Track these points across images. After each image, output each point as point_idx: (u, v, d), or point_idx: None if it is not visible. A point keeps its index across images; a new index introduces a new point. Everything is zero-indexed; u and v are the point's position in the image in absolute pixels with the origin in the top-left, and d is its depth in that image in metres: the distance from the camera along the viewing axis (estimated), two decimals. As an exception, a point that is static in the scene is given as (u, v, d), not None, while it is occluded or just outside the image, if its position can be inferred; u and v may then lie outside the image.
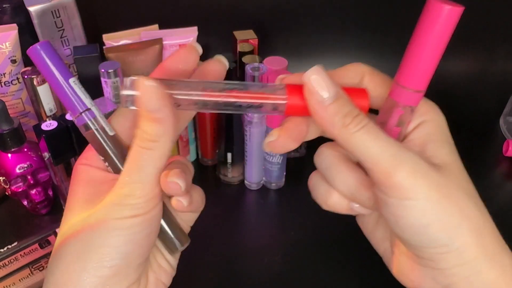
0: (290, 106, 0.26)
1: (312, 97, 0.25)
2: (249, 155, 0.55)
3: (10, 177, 0.49)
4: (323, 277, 0.47)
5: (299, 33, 0.74)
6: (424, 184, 0.24)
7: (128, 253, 0.25)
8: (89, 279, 0.25)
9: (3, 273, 0.40)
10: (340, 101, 0.25)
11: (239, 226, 0.53)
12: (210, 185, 0.59)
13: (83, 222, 0.26)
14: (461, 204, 0.25)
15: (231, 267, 0.48)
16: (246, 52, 0.57)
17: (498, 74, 0.79)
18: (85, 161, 0.28)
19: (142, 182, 0.25)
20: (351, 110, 0.25)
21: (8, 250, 0.39)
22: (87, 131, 0.27)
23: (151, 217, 0.26)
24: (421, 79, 0.25)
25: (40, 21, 0.57)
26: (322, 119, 0.25)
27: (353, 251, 0.49)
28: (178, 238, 0.30)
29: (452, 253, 0.25)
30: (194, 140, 0.60)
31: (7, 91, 0.58)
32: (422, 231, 0.25)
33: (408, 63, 0.25)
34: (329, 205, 0.30)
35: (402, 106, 0.26)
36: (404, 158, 0.24)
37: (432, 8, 0.22)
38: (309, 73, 0.25)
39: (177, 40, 0.63)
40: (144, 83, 0.24)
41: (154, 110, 0.24)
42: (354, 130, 0.25)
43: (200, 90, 0.25)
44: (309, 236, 0.51)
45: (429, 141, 0.27)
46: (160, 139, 0.25)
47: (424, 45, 0.24)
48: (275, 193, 0.57)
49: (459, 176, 0.26)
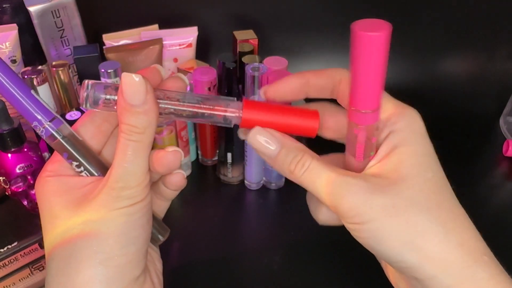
0: (245, 120, 0.28)
1: (263, 155, 0.28)
2: (249, 155, 0.55)
3: (10, 177, 0.49)
4: (323, 277, 0.47)
5: (299, 33, 0.74)
6: (367, 210, 0.25)
7: (137, 237, 0.27)
8: (105, 271, 0.26)
9: (3, 273, 0.40)
10: (283, 152, 0.28)
11: (239, 226, 0.53)
12: (210, 185, 0.59)
13: (83, 224, 0.26)
14: (411, 221, 0.25)
15: (231, 267, 0.48)
16: (246, 52, 0.57)
17: (498, 74, 0.79)
18: (51, 173, 0.28)
19: (135, 173, 0.26)
20: (294, 156, 0.28)
21: (8, 250, 0.39)
22: (55, 141, 0.27)
23: (147, 203, 0.27)
24: (371, 100, 0.25)
25: (40, 21, 0.57)
26: (276, 169, 0.29)
27: (353, 252, 0.49)
28: (159, 230, 0.32)
29: (413, 269, 0.25)
30: (194, 140, 0.60)
31: (7, 91, 0.58)
32: (380, 250, 0.26)
33: (354, 88, 0.25)
34: (321, 219, 0.32)
35: (363, 126, 0.27)
36: (345, 190, 0.26)
37: (357, 38, 0.23)
38: (250, 136, 0.28)
39: (177, 40, 0.63)
40: (133, 78, 0.25)
41: (140, 103, 0.25)
42: (299, 174, 0.27)
43: (176, 100, 0.28)
44: (309, 236, 0.51)
45: (394, 154, 0.27)
46: (146, 131, 0.26)
47: (362, 71, 0.24)
48: (275, 193, 0.57)
49: (415, 190, 0.26)
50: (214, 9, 0.71)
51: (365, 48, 0.23)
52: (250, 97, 0.50)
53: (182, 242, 0.51)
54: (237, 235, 0.52)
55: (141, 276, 0.28)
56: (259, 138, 0.28)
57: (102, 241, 0.26)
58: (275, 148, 0.28)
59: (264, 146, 0.28)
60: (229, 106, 0.28)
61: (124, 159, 0.26)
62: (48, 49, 0.60)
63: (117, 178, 0.26)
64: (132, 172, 0.26)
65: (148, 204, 0.28)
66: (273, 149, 0.28)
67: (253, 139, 0.28)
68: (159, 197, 0.32)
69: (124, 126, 0.26)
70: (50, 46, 0.59)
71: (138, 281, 0.28)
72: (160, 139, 0.51)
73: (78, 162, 0.28)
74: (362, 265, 0.48)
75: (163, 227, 0.33)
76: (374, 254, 0.28)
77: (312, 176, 0.27)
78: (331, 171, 0.27)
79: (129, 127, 0.26)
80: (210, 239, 0.51)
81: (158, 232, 0.32)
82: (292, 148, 0.28)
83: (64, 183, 0.28)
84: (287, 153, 0.28)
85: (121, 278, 0.26)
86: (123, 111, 0.26)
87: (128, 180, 0.26)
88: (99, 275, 0.26)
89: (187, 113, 0.28)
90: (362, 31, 0.22)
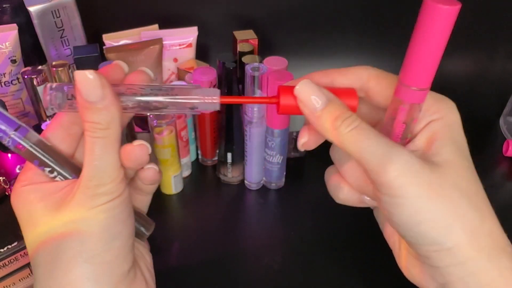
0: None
1: (305, 109, 0.27)
2: (249, 155, 0.55)
3: (10, 177, 0.49)
4: (323, 277, 0.47)
5: (299, 33, 0.74)
6: (414, 183, 0.25)
7: (120, 232, 0.27)
8: (92, 268, 0.26)
9: (3, 273, 0.40)
10: (331, 107, 0.26)
11: (239, 226, 0.53)
12: (210, 185, 0.59)
13: (64, 225, 0.26)
14: (455, 203, 0.25)
15: (231, 267, 0.48)
16: (246, 52, 0.57)
17: (498, 74, 0.79)
18: (25, 182, 0.28)
19: (107, 169, 0.26)
20: (342, 112, 0.26)
21: (8, 250, 0.39)
22: (23, 150, 0.27)
23: (125, 197, 0.27)
24: (424, 78, 0.25)
25: (40, 21, 0.57)
26: (317, 127, 0.27)
27: (353, 251, 0.49)
28: (144, 225, 0.32)
29: (445, 252, 0.25)
30: (194, 140, 0.60)
31: (7, 91, 0.58)
32: (414, 229, 0.25)
33: (409, 62, 0.25)
34: (340, 198, 0.31)
35: (407, 104, 0.26)
36: (395, 156, 0.25)
37: (429, 9, 0.23)
38: (298, 88, 0.27)
39: (177, 40, 0.63)
40: (86, 75, 0.25)
41: (98, 99, 0.25)
42: (345, 131, 0.26)
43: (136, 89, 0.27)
44: (309, 236, 0.51)
45: (435, 139, 0.27)
46: (110, 125, 0.26)
47: (423, 45, 0.24)
48: (275, 193, 0.57)
49: (458, 175, 0.26)
50: (214, 9, 0.71)
51: (434, 20, 0.23)
52: (250, 97, 0.50)
53: (182, 242, 0.51)
54: (237, 235, 0.52)
55: (131, 271, 0.28)
56: (306, 90, 0.27)
57: (84, 240, 0.26)
58: (322, 102, 0.26)
59: (310, 99, 0.26)
60: (196, 93, 0.27)
61: (93, 157, 0.26)
62: (48, 49, 0.60)
63: (89, 176, 0.26)
64: (103, 169, 0.26)
65: (126, 198, 0.28)
66: (320, 103, 0.26)
67: (301, 90, 0.27)
68: (139, 192, 0.32)
69: (87, 124, 0.26)
70: (50, 46, 0.59)
71: (128, 276, 0.28)
72: (160, 139, 0.51)
73: (50, 168, 0.28)
74: (362, 265, 0.48)
75: (147, 221, 0.33)
76: (402, 233, 0.27)
77: (360, 136, 0.25)
78: (381, 135, 0.26)
79: (92, 124, 0.26)
80: (210, 239, 0.51)
81: (143, 226, 0.32)
82: (340, 104, 0.27)
83: (39, 191, 0.28)
84: (336, 108, 0.26)
85: (109, 274, 0.26)
86: (84, 110, 0.26)
87: (101, 177, 0.26)
88: (87, 274, 0.26)
89: (154, 105, 0.27)
90: (435, 2, 0.22)
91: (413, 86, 0.25)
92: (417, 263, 0.28)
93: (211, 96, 0.27)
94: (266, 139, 0.53)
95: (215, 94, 0.27)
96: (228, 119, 0.53)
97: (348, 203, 0.31)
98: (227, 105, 0.52)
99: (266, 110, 0.51)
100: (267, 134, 0.52)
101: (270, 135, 0.52)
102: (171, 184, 0.55)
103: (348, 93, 0.28)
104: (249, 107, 0.50)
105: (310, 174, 0.59)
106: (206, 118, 0.56)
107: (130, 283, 0.28)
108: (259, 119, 0.51)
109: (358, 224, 0.53)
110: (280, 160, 0.54)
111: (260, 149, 0.54)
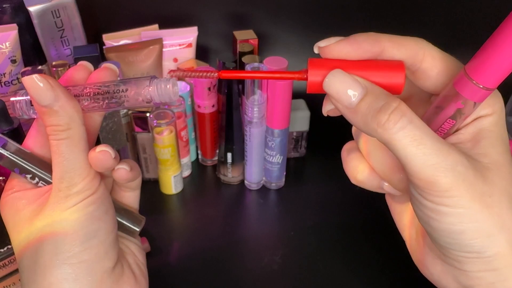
0: None
1: (338, 104, 0.23)
2: (249, 155, 0.55)
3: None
4: (323, 277, 0.47)
5: (299, 33, 0.74)
6: (466, 196, 0.22)
7: (97, 230, 0.27)
8: (70, 268, 0.26)
9: (3, 273, 0.40)
10: (370, 97, 0.22)
11: (239, 226, 0.53)
12: (210, 185, 0.59)
13: (39, 230, 0.26)
14: (504, 214, 0.23)
15: (231, 267, 0.48)
16: (246, 52, 0.57)
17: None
18: (10, 191, 0.28)
19: (75, 169, 0.26)
20: (386, 104, 0.22)
21: (8, 250, 0.39)
22: (2, 159, 0.28)
23: (100, 194, 0.27)
24: (496, 78, 0.22)
25: (40, 21, 0.57)
26: (356, 124, 0.23)
27: (353, 251, 0.49)
28: (133, 221, 0.32)
29: (482, 260, 0.24)
30: (194, 140, 0.60)
31: (7, 91, 0.58)
32: (454, 236, 0.23)
33: (485, 56, 0.22)
34: (358, 179, 0.28)
35: (465, 100, 0.23)
36: (449, 168, 0.22)
37: None
38: (327, 81, 0.23)
39: (177, 40, 0.63)
40: (33, 79, 0.25)
41: (51, 101, 0.25)
42: (393, 130, 0.22)
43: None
44: (309, 236, 0.51)
45: (483, 137, 0.24)
46: (71, 125, 0.26)
47: (507, 41, 0.20)
48: (275, 193, 0.57)
49: (507, 180, 0.24)
50: (214, 9, 0.71)
51: None
52: (250, 97, 0.50)
53: (182, 242, 0.51)
54: (237, 235, 0.51)
55: (117, 268, 0.28)
56: (337, 85, 0.23)
57: (59, 241, 0.26)
58: (358, 94, 0.22)
59: (344, 92, 0.23)
60: (152, 84, 0.26)
61: (59, 159, 0.26)
62: (48, 49, 0.60)
63: (59, 178, 0.26)
64: (72, 169, 0.26)
65: (101, 196, 0.27)
66: (356, 94, 0.23)
67: (330, 84, 0.23)
68: (123, 189, 0.32)
69: (48, 129, 0.26)
70: (50, 46, 0.59)
71: (113, 273, 0.28)
72: (160, 139, 0.51)
73: (31, 174, 0.28)
74: (362, 264, 0.48)
75: (136, 217, 0.32)
76: (436, 237, 0.24)
77: (412, 140, 0.22)
78: (435, 137, 0.22)
79: (53, 127, 0.26)
80: (210, 239, 0.51)
81: (132, 223, 0.32)
82: (381, 93, 0.23)
83: (23, 198, 0.28)
84: (376, 98, 0.22)
85: (89, 273, 0.26)
86: (41, 114, 0.26)
87: (71, 177, 0.26)
88: (65, 274, 0.26)
89: (113, 100, 0.27)
90: None
91: (481, 84, 0.22)
92: (439, 263, 0.27)
93: (168, 84, 0.26)
94: (266, 139, 0.53)
95: (171, 82, 0.26)
96: (228, 119, 0.53)
97: (365, 186, 0.28)
98: (227, 105, 0.52)
99: (266, 110, 0.51)
100: (267, 134, 0.52)
101: (270, 135, 0.52)
102: (171, 184, 0.55)
103: (394, 68, 0.23)
104: (249, 107, 0.50)
105: (310, 174, 0.59)
106: (206, 118, 0.56)
107: (116, 279, 0.28)
108: (259, 119, 0.51)
109: (358, 224, 0.53)
110: (280, 160, 0.54)
111: (260, 149, 0.54)
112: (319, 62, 0.24)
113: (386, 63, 0.24)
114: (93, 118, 0.29)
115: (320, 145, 0.62)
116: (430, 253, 0.27)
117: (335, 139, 0.39)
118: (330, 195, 0.56)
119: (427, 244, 0.28)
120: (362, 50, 0.24)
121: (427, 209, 0.23)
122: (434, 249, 0.27)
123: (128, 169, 0.29)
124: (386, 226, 0.31)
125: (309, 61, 0.24)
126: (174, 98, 0.26)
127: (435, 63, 0.24)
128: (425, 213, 0.24)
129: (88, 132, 0.28)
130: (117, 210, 0.30)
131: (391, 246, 0.44)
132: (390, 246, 0.47)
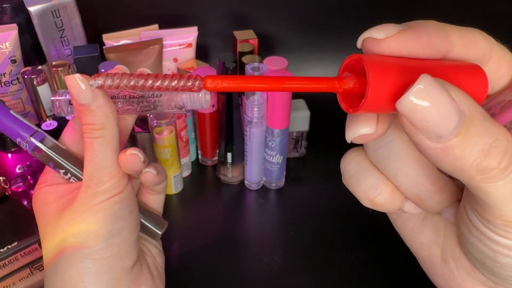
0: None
1: (418, 134, 0.16)
2: (249, 155, 0.55)
3: (10, 177, 0.49)
4: (323, 277, 0.47)
5: (299, 33, 0.74)
6: None
7: (120, 229, 0.28)
8: (91, 264, 0.27)
9: (3, 273, 0.40)
10: (472, 130, 0.15)
11: (239, 226, 0.53)
12: (210, 185, 0.59)
13: (66, 222, 0.27)
14: None
15: (231, 267, 0.48)
16: (246, 52, 0.57)
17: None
18: (43, 184, 0.30)
19: (105, 167, 0.27)
20: (496, 142, 0.15)
21: (8, 250, 0.39)
22: (40, 153, 0.29)
23: (126, 195, 0.28)
24: None
25: (40, 21, 0.57)
26: (439, 163, 0.16)
27: (353, 251, 0.49)
28: (155, 224, 0.33)
29: None
30: (194, 140, 0.60)
31: (7, 91, 0.58)
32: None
33: None
34: (376, 203, 0.23)
35: None
36: None
37: None
38: (404, 100, 0.15)
39: (177, 40, 0.63)
40: (75, 78, 0.25)
41: (90, 101, 0.26)
42: (500, 178, 0.16)
43: None
44: (309, 236, 0.51)
45: None
46: (105, 125, 0.27)
47: None
48: (275, 193, 0.57)
49: None
50: (214, 9, 0.71)
51: None
52: (250, 97, 0.50)
53: (182, 242, 0.51)
54: (237, 235, 0.52)
55: (135, 267, 0.29)
56: (435, 101, 0.15)
57: (83, 236, 0.27)
58: (456, 122, 0.15)
59: (441, 118, 0.15)
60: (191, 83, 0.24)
61: (91, 156, 0.27)
62: (48, 49, 0.60)
63: (89, 175, 0.27)
64: (102, 167, 0.27)
65: (128, 195, 0.28)
66: (454, 124, 0.15)
67: (410, 104, 0.15)
68: (149, 191, 0.33)
69: (84, 127, 0.27)
70: (50, 46, 0.59)
71: (132, 272, 0.29)
72: (160, 139, 0.51)
73: (65, 170, 0.29)
74: (362, 264, 0.48)
75: (159, 221, 0.33)
76: (499, 274, 0.21)
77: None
78: None
79: (88, 126, 0.27)
80: (210, 239, 0.51)
81: (154, 225, 0.33)
82: (485, 122, 0.16)
83: (55, 192, 0.29)
84: (480, 134, 0.15)
85: (109, 270, 0.27)
86: (79, 113, 0.27)
87: (101, 175, 0.27)
88: (86, 269, 0.27)
89: (147, 104, 0.27)
90: None
91: None
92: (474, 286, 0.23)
93: (201, 92, 0.26)
94: (266, 139, 0.53)
95: (204, 91, 0.24)
96: (228, 119, 0.53)
97: (382, 210, 0.23)
98: (227, 105, 0.52)
99: (266, 110, 0.51)
100: (267, 134, 0.52)
101: (270, 135, 0.52)
102: (171, 184, 0.55)
103: (475, 76, 0.18)
104: (249, 107, 0.50)
105: (310, 174, 0.59)
106: (206, 118, 0.56)
107: (134, 278, 0.29)
108: (259, 119, 0.51)
109: (358, 224, 0.53)
110: (280, 160, 0.54)
111: (260, 149, 0.54)
112: (380, 64, 0.16)
113: (462, 69, 0.18)
114: (126, 119, 0.30)
115: (320, 145, 0.62)
116: (470, 278, 0.24)
117: (335, 139, 0.39)
118: (330, 195, 0.56)
119: (464, 270, 0.24)
120: (431, 48, 0.18)
121: (498, 244, 0.19)
122: (477, 276, 0.23)
123: (155, 173, 0.30)
124: (386, 226, 0.30)
125: (364, 60, 0.16)
126: (205, 106, 0.27)
127: (501, 63, 0.20)
128: (491, 247, 0.20)
129: (120, 133, 0.28)
130: (141, 212, 0.31)
131: (391, 246, 0.44)
132: (390, 247, 0.47)
